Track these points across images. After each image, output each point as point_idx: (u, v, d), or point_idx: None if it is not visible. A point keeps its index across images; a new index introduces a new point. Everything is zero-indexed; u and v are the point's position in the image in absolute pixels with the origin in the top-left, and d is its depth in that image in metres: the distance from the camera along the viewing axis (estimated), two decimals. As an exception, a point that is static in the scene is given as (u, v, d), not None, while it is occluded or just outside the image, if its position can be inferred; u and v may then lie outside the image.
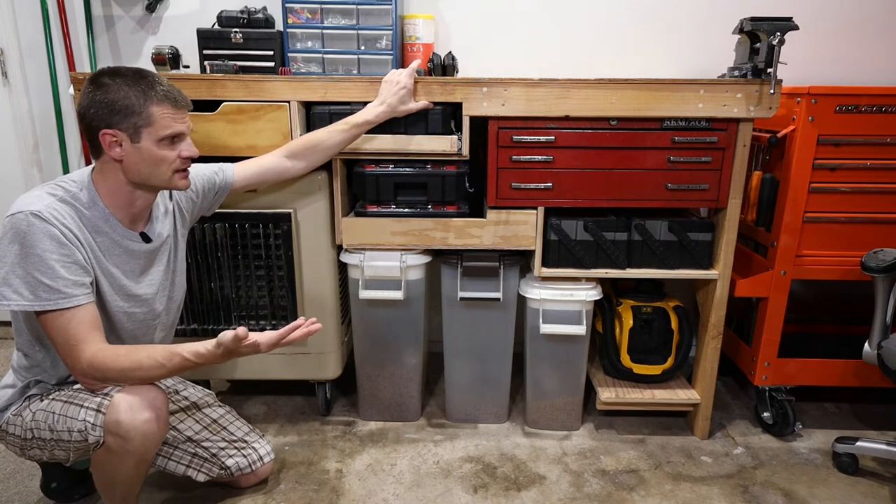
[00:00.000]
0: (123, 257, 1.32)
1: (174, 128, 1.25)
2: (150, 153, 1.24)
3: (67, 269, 1.19)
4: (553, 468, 1.68)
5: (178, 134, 1.26)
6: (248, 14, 1.75)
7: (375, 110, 1.55)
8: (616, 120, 1.58)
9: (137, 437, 1.21)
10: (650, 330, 1.83)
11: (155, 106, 1.22)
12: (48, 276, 1.17)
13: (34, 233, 1.16)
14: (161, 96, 1.23)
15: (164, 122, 1.23)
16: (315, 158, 1.58)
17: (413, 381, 1.86)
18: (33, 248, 1.16)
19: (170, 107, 1.24)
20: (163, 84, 1.25)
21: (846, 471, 1.66)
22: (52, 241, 1.17)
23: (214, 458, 1.48)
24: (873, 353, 1.57)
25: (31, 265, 1.16)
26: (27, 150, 2.31)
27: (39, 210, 1.17)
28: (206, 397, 1.59)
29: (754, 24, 1.50)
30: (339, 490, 1.58)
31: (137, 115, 1.21)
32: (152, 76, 1.25)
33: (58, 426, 1.24)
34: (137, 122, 1.21)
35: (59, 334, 1.19)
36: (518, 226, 1.67)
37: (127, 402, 1.21)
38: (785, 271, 1.71)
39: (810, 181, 1.64)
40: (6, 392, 1.33)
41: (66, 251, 1.19)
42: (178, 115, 1.26)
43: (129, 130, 1.22)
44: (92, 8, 2.16)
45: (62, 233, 1.19)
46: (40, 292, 1.17)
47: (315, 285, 1.75)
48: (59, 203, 1.22)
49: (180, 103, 1.26)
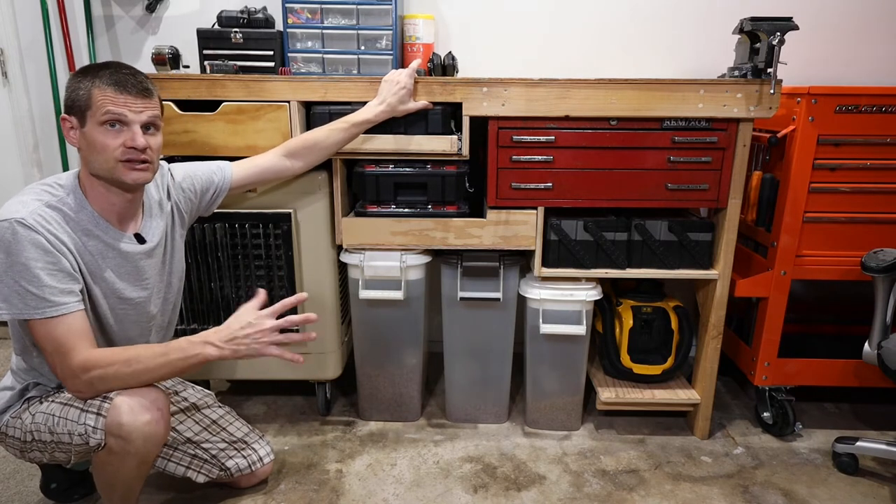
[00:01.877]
0: (118, 260, 1.30)
1: (111, 111, 1.18)
2: (93, 138, 1.20)
3: (53, 277, 1.17)
4: (553, 468, 1.68)
5: (117, 118, 1.19)
6: (248, 14, 1.75)
7: (375, 109, 1.55)
8: (616, 120, 1.58)
9: (139, 439, 1.21)
10: (650, 330, 1.83)
11: (97, 89, 1.18)
12: (34, 284, 1.15)
13: (19, 241, 1.14)
14: (106, 80, 1.18)
15: (101, 103, 1.18)
16: (313, 157, 1.57)
17: (413, 381, 1.86)
18: (18, 257, 1.14)
19: (112, 90, 1.18)
20: (118, 70, 1.20)
21: (846, 471, 1.66)
22: (36, 248, 1.15)
23: (214, 459, 1.48)
24: (873, 353, 1.57)
25: (17, 274, 1.15)
26: (27, 150, 2.31)
27: (24, 217, 1.15)
28: (205, 398, 1.59)
29: (754, 24, 1.50)
30: (339, 490, 1.58)
31: (82, 97, 1.19)
32: (116, 65, 1.22)
33: (58, 428, 1.23)
34: (82, 105, 1.19)
35: (49, 342, 1.18)
36: (518, 226, 1.67)
37: (128, 404, 1.20)
38: (785, 271, 1.71)
39: (810, 181, 1.64)
40: (5, 394, 1.32)
41: (52, 259, 1.17)
42: (119, 98, 1.19)
43: (77, 114, 1.20)
44: (92, 8, 2.16)
45: (48, 240, 1.17)
46: (28, 300, 1.15)
47: (315, 285, 1.75)
48: (46, 208, 1.20)
49: (126, 88, 1.19)
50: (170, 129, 1.60)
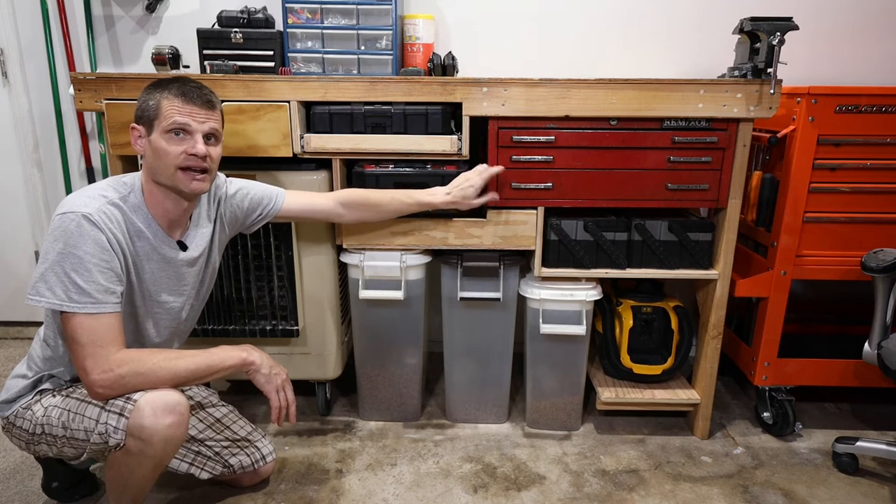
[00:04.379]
0: (160, 264, 1.34)
1: (177, 119, 1.25)
2: (158, 145, 1.26)
3: (104, 275, 1.20)
4: (553, 468, 1.68)
5: (182, 126, 1.26)
6: (248, 14, 1.75)
7: (443, 198, 1.58)
8: (616, 120, 1.58)
9: (160, 443, 1.21)
10: (650, 330, 1.84)
11: (166, 100, 1.25)
12: (84, 278, 1.18)
13: (81, 234, 1.18)
14: (175, 91, 1.26)
15: (168, 113, 1.25)
16: (367, 216, 1.61)
17: (413, 381, 1.86)
18: (76, 249, 1.18)
19: (179, 100, 1.25)
20: (186, 83, 1.28)
21: (846, 471, 1.66)
22: (96, 245, 1.19)
23: (218, 456, 1.49)
24: (873, 353, 1.57)
25: (70, 265, 1.17)
26: (27, 150, 2.31)
27: (91, 213, 1.19)
28: (209, 397, 1.60)
29: (754, 24, 1.50)
30: (339, 490, 1.58)
31: (153, 108, 1.26)
32: (184, 79, 1.30)
33: (73, 424, 1.23)
34: (151, 114, 1.26)
35: (85, 334, 1.18)
36: (518, 226, 1.67)
37: (151, 407, 1.20)
38: (785, 271, 1.71)
39: (810, 181, 1.64)
40: (18, 382, 1.33)
41: (107, 257, 1.21)
42: (185, 108, 1.26)
43: (146, 123, 1.27)
44: (92, 8, 2.16)
45: (108, 239, 1.21)
46: (72, 293, 1.17)
47: (315, 285, 1.75)
48: (110, 206, 1.24)
49: (192, 99, 1.27)
50: (170, 129, 1.61)
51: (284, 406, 1.42)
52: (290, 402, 1.42)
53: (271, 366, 1.40)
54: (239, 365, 1.35)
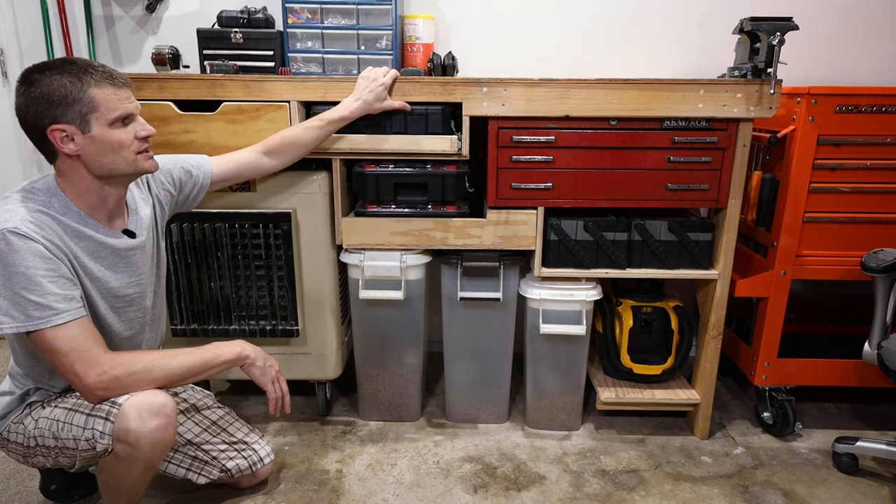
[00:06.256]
0: (111, 259, 1.28)
1: (122, 108, 1.18)
2: (106, 139, 1.17)
3: (56, 284, 1.14)
4: (553, 468, 1.68)
5: (127, 115, 1.20)
6: (248, 14, 1.75)
7: (350, 106, 1.54)
8: (616, 120, 1.58)
9: (147, 445, 1.20)
10: (650, 330, 1.84)
11: (94, 88, 1.15)
12: (36, 293, 1.12)
13: (15, 251, 1.10)
14: (98, 78, 1.16)
15: (109, 104, 1.16)
16: (291, 156, 1.57)
17: (413, 381, 1.86)
18: (17, 267, 1.11)
19: (110, 87, 1.17)
20: (96, 66, 1.18)
21: (846, 471, 1.66)
22: (35, 257, 1.12)
23: (215, 460, 1.48)
24: (873, 353, 1.57)
25: (17, 284, 1.11)
26: (27, 150, 2.31)
27: (16, 226, 1.11)
28: (205, 399, 1.59)
29: (754, 24, 1.50)
30: (339, 490, 1.58)
31: (79, 101, 1.14)
32: (82, 61, 1.18)
33: (62, 434, 1.22)
34: (82, 109, 1.14)
35: (64, 343, 1.14)
36: (518, 226, 1.67)
37: (136, 410, 1.18)
38: (785, 271, 1.71)
39: (810, 181, 1.64)
40: (4, 399, 1.30)
41: (52, 265, 1.14)
42: (121, 93, 1.18)
43: (76, 121, 1.15)
44: (92, 8, 2.16)
45: (45, 247, 1.14)
46: (31, 311, 1.12)
47: (315, 285, 1.75)
48: (37, 214, 1.16)
49: (119, 81, 1.19)
50: (170, 129, 1.61)
51: (280, 397, 1.43)
52: (285, 392, 1.44)
53: (265, 358, 1.40)
54: (235, 360, 1.34)
